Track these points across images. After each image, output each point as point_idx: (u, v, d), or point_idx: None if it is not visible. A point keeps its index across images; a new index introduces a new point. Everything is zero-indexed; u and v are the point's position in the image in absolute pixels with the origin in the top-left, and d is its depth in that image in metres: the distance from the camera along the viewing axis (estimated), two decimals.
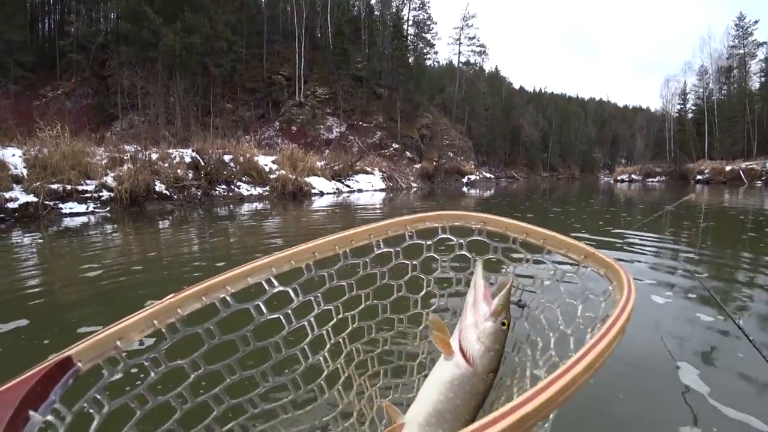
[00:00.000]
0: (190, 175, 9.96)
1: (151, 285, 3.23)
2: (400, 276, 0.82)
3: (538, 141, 62.44)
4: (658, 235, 6.10)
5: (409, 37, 40.45)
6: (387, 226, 0.66)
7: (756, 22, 42.05)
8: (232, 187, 11.26)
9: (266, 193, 11.81)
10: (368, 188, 16.79)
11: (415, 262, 0.82)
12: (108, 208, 7.71)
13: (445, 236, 0.74)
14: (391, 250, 0.73)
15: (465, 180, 27.22)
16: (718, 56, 43.04)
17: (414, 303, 0.88)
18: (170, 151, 10.69)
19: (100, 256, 4.06)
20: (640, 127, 73.02)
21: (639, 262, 4.18)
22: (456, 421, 0.50)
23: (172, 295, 0.59)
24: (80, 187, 7.70)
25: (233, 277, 0.63)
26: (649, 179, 36.84)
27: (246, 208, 9.38)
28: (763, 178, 26.16)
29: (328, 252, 0.67)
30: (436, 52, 57.77)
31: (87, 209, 7.47)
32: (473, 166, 33.83)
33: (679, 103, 47.80)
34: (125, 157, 9.11)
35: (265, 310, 0.68)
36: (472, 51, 51.02)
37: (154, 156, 9.78)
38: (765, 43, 41.17)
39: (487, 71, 59.65)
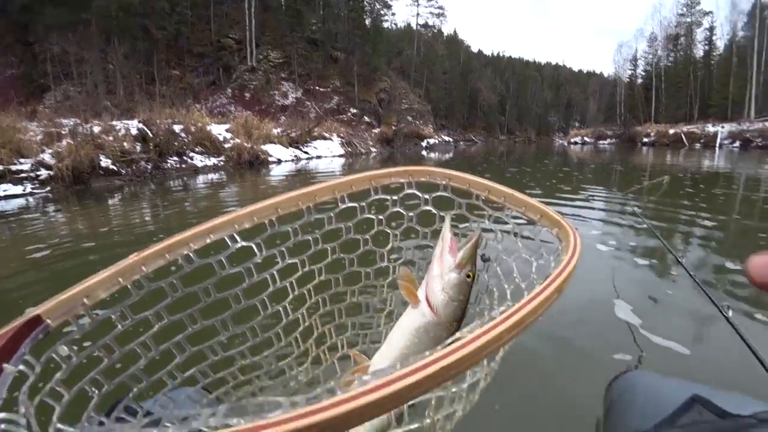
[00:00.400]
0: (138, 148, 9.49)
1: (107, 260, 3.18)
2: (366, 231, 0.82)
3: (496, 105, 63.39)
4: (607, 192, 6.53)
5: None
6: (352, 181, 0.66)
7: None
8: (185, 158, 10.85)
9: (221, 163, 11.47)
10: (327, 154, 16.61)
11: (381, 217, 0.81)
12: (48, 188, 7.22)
13: (411, 191, 0.73)
14: (356, 205, 0.72)
15: (424, 144, 27.38)
16: (667, 24, 44.83)
17: (381, 256, 0.87)
18: (114, 123, 10.10)
19: (46, 237, 3.91)
20: (593, 92, 76.05)
21: (589, 217, 4.56)
22: None
23: (135, 253, 0.60)
24: (14, 167, 7.18)
25: (195, 235, 0.63)
26: (601, 142, 38.59)
27: (201, 179, 9.13)
28: (701, 141, 28.02)
29: (291, 208, 0.66)
30: (393, 14, 56.33)
31: (24, 191, 6.97)
32: (432, 130, 33.98)
33: (630, 69, 49.64)
34: (63, 132, 8.53)
35: (227, 266, 0.68)
36: (430, 13, 50.10)
37: (97, 129, 9.22)
38: (710, 12, 43.28)
39: (445, 34, 58.90)
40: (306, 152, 15.73)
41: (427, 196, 0.75)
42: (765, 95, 31.71)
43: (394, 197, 0.76)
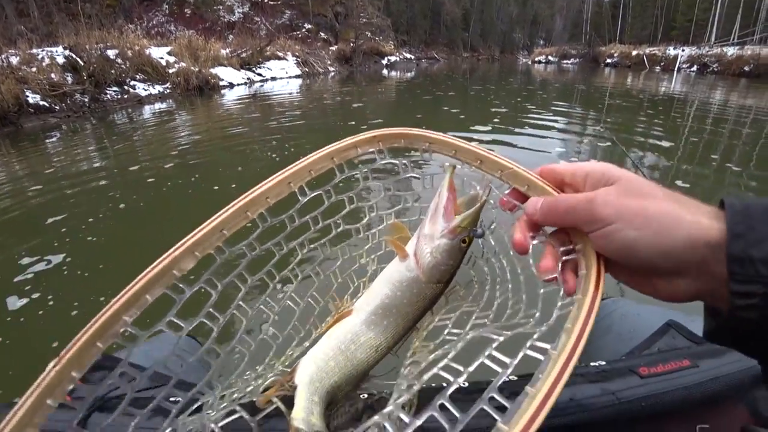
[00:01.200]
0: (69, 79, 8.55)
1: (58, 202, 3.01)
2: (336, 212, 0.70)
3: (460, 20, 60.11)
4: (570, 108, 6.56)
5: None
6: (308, 166, 0.51)
7: None
8: (126, 87, 9.95)
9: (168, 90, 10.62)
10: (282, 75, 15.63)
11: (351, 195, 0.69)
12: None
13: (386, 161, 0.58)
14: (321, 191, 0.60)
15: (385, 62, 26.15)
16: None
17: (357, 231, 0.76)
18: (34, 51, 8.95)
19: None
20: (560, 8, 73.49)
21: (552, 132, 4.64)
22: (399, 317, 0.53)
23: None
24: None
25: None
26: (565, 61, 38.29)
27: (147, 110, 8.49)
28: (661, 64, 28.04)
29: (237, 224, 0.50)
30: None
31: None
32: (393, 47, 32.27)
33: None
34: None
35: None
36: None
37: (15, 60, 8.16)
38: None
39: None
40: (260, 74, 14.72)
41: (405, 161, 0.61)
42: (728, 18, 31.38)
43: (365, 170, 0.62)
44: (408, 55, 36.34)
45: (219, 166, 4.00)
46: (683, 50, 28.72)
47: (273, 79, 14.76)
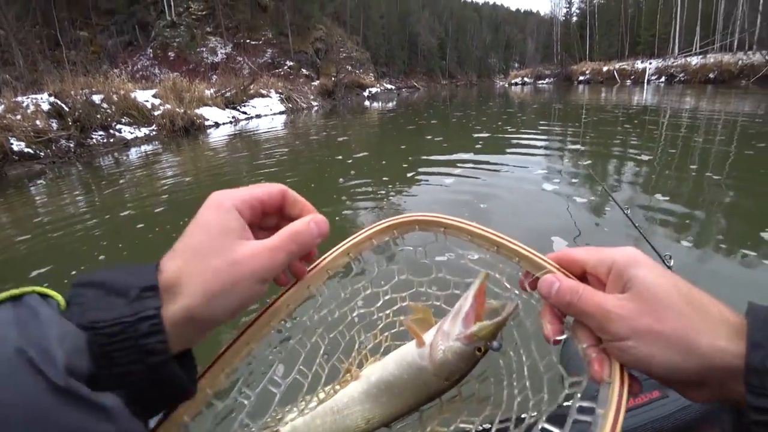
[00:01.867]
0: (55, 125, 8.60)
1: (46, 252, 2.98)
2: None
3: (436, 48, 62.62)
4: (549, 127, 6.78)
5: None
6: (325, 266, 0.47)
7: None
8: (112, 131, 10.00)
9: (154, 132, 10.70)
10: (267, 112, 15.89)
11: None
12: None
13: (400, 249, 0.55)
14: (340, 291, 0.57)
15: (366, 93, 26.77)
16: None
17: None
18: (19, 99, 9.01)
19: None
20: (531, 31, 77.61)
21: (533, 154, 4.78)
22: (400, 399, 0.51)
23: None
24: None
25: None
26: (540, 81, 40.03)
27: (134, 153, 8.53)
28: (631, 77, 29.97)
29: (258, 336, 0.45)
30: None
31: None
32: (373, 79, 33.17)
33: (565, 7, 51.46)
34: None
35: None
36: None
37: (0, 108, 8.20)
38: None
39: None
40: (244, 112, 14.94)
41: (421, 247, 0.57)
42: (689, 30, 33.42)
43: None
44: (389, 86, 37.30)
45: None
46: (650, 63, 30.49)
47: (258, 116, 14.98)
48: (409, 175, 4.35)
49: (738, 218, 2.76)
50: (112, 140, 9.68)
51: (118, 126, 10.30)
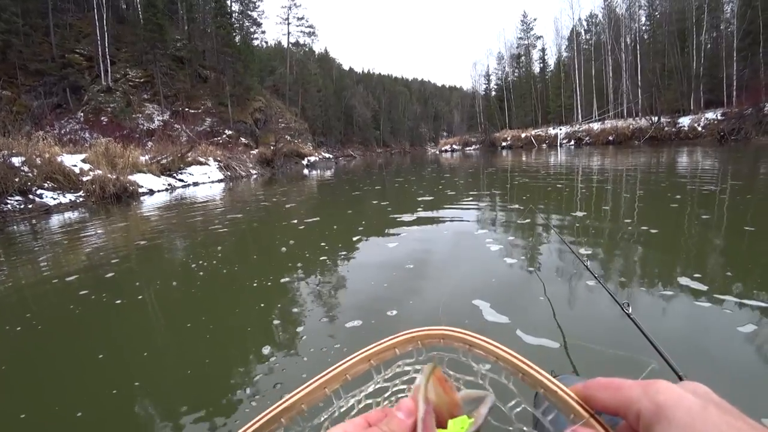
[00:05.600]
0: None
1: None
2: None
3: (370, 120, 67.33)
4: (481, 194, 7.58)
5: (233, 14, 37.99)
6: (345, 370, 0.45)
7: (535, 19, 58.82)
8: (31, 197, 9.48)
9: (81, 199, 10.26)
10: (205, 180, 15.84)
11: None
12: None
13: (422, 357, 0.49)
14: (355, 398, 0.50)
15: (305, 162, 27.58)
16: (510, 45, 54.69)
17: None
18: None
19: None
20: (456, 104, 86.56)
21: (473, 207, 5.40)
22: None
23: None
24: None
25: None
26: (468, 148, 44.25)
27: (56, 220, 8.09)
28: (546, 142, 35.22)
29: None
30: (263, 32, 55.59)
31: None
32: (312, 148, 34.41)
33: (485, 83, 58.69)
34: None
35: None
36: (301, 32, 50.68)
37: None
38: (541, 36, 55.90)
39: (317, 52, 60.20)
40: (181, 180, 14.80)
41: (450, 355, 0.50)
42: (587, 102, 40.05)
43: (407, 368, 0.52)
44: (326, 155, 38.64)
45: (137, 279, 3.56)
46: (561, 129, 36.17)
47: (195, 184, 14.88)
48: (354, 238, 4.47)
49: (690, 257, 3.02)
50: (30, 206, 9.16)
51: (40, 191, 9.81)
